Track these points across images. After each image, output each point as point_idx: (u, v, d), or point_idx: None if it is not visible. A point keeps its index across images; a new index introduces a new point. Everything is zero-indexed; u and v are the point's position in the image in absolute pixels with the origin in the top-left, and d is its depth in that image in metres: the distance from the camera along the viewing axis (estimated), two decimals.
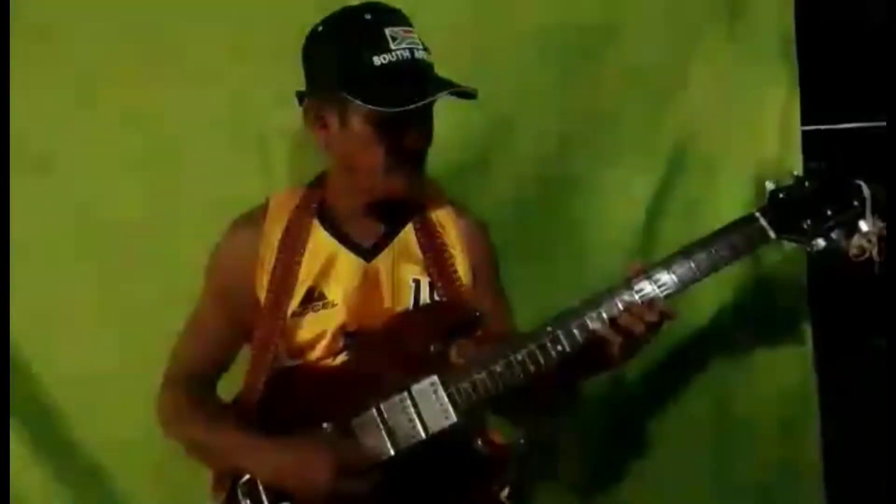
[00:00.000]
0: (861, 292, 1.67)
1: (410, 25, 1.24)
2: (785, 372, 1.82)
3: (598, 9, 1.76)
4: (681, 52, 1.80)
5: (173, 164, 1.66)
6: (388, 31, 1.20)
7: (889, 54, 1.54)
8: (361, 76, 1.19)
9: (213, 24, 1.65)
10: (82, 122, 1.63)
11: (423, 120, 1.25)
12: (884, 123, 1.78)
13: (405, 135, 1.23)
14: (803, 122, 1.80)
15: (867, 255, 1.21)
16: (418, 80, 1.20)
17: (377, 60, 1.18)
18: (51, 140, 1.63)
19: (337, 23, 1.25)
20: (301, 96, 1.30)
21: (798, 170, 1.73)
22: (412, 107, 1.16)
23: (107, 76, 1.63)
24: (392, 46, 1.19)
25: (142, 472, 1.67)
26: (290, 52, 1.29)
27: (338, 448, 1.21)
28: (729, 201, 1.77)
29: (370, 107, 1.18)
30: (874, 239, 1.20)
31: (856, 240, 1.21)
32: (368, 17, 1.22)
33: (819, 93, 1.83)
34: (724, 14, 1.79)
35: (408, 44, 1.20)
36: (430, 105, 1.22)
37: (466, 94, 1.20)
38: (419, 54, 1.21)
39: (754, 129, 1.81)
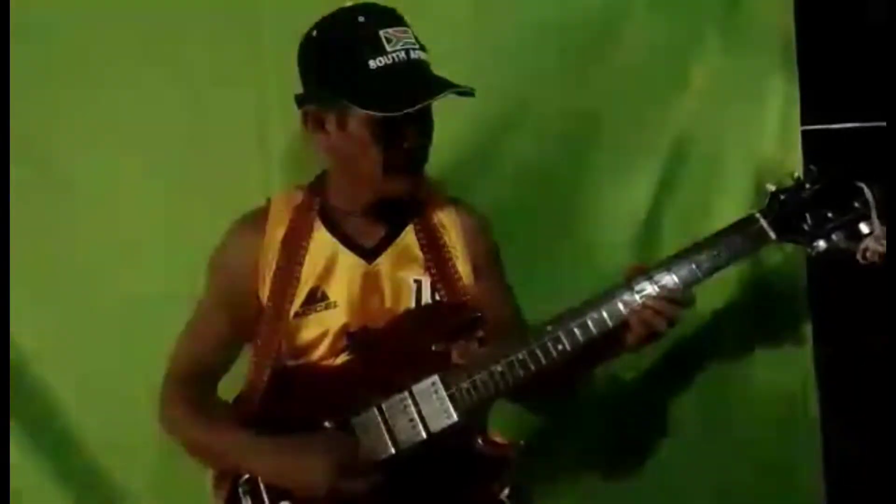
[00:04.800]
0: (861, 292, 1.67)
1: (405, 24, 1.24)
2: (785, 372, 1.82)
3: (597, 8, 1.76)
4: (680, 51, 1.79)
5: (173, 165, 1.66)
6: (382, 33, 1.20)
7: (889, 54, 1.54)
8: (358, 81, 1.19)
9: (214, 24, 1.65)
10: (82, 123, 1.63)
11: (422, 120, 1.25)
12: (884, 123, 1.78)
13: (404, 136, 1.23)
14: (803, 122, 1.80)
15: (874, 257, 1.21)
16: (415, 81, 1.20)
17: (373, 64, 1.18)
18: (51, 141, 1.63)
19: (331, 27, 1.25)
20: (299, 99, 1.30)
21: (798, 170, 1.74)
22: (410, 111, 1.16)
23: (107, 77, 1.63)
24: (387, 49, 1.19)
25: (142, 471, 1.67)
26: (291, 53, 1.29)
27: (338, 447, 1.22)
28: (729, 201, 1.77)
29: (369, 112, 1.18)
30: (877, 241, 1.21)
31: (864, 243, 1.22)
32: (362, 19, 1.22)
33: (819, 93, 1.83)
34: (723, 14, 1.79)
35: (403, 45, 1.20)
36: (429, 105, 1.22)
37: (464, 93, 1.20)
38: (415, 54, 1.21)
39: (754, 129, 1.81)
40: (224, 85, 1.66)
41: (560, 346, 1.23)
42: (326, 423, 1.25)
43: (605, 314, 1.23)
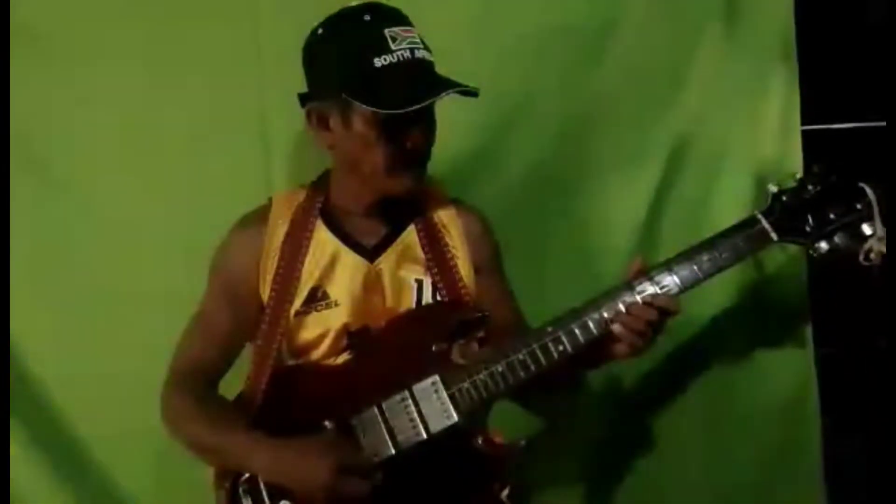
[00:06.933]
0: (861, 292, 1.67)
1: (410, 24, 1.24)
2: (785, 372, 1.82)
3: (598, 8, 1.76)
4: (680, 51, 1.79)
5: (174, 164, 1.66)
6: (387, 32, 1.20)
7: (889, 54, 1.54)
8: (363, 78, 1.19)
9: (215, 24, 1.65)
10: (82, 123, 1.63)
11: (426, 120, 1.25)
12: (884, 123, 1.78)
13: (408, 135, 1.23)
14: (803, 122, 1.80)
15: (877, 259, 1.21)
16: (420, 80, 1.21)
17: (378, 62, 1.19)
18: (51, 140, 1.63)
19: (336, 25, 1.25)
20: (303, 98, 1.30)
21: (798, 170, 1.74)
22: (414, 108, 1.16)
23: (106, 76, 1.63)
24: (392, 47, 1.19)
25: (142, 470, 1.67)
26: (292, 53, 1.29)
27: (338, 447, 1.22)
28: (729, 201, 1.77)
29: (373, 109, 1.19)
30: (880, 243, 1.21)
31: (867, 244, 1.22)
32: (368, 17, 1.22)
33: (819, 93, 1.83)
34: (723, 14, 1.79)
35: (408, 44, 1.21)
36: (433, 105, 1.23)
37: (468, 93, 1.21)
38: (419, 53, 1.22)
39: (754, 128, 1.80)
40: (224, 85, 1.66)
41: (560, 347, 1.23)
42: (326, 423, 1.24)
43: (605, 315, 1.23)
